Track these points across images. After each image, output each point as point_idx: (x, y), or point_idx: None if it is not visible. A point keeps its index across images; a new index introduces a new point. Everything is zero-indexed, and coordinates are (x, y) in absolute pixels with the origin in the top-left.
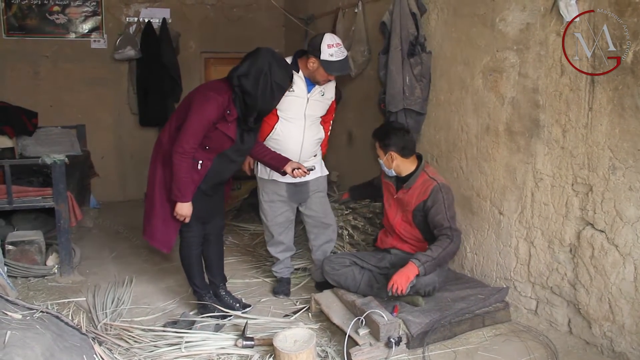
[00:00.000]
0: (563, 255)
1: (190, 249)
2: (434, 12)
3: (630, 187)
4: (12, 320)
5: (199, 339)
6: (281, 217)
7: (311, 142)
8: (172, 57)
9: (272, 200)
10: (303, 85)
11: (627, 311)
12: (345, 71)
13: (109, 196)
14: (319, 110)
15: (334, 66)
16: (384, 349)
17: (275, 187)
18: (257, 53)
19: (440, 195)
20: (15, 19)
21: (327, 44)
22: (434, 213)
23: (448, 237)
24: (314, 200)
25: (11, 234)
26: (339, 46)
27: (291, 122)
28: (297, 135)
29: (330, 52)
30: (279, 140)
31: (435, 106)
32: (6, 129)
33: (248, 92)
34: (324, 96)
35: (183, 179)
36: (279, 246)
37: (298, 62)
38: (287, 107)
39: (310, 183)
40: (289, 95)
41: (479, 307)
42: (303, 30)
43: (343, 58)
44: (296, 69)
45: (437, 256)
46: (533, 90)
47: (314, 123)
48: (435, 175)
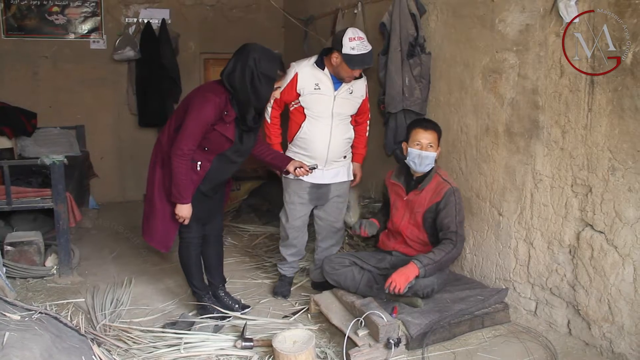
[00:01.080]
0: (562, 256)
1: (189, 249)
2: (433, 13)
3: (629, 188)
4: (10, 321)
5: (198, 340)
6: (299, 221)
7: (339, 141)
8: (171, 57)
9: (292, 202)
10: (329, 83)
11: (626, 312)
12: (366, 64)
13: (108, 197)
14: (347, 108)
15: (356, 60)
16: (383, 350)
17: (297, 188)
18: (242, 49)
19: (454, 198)
20: (15, 19)
21: (349, 37)
22: (444, 215)
23: (452, 242)
24: (331, 205)
25: (10, 235)
26: (361, 39)
27: (318, 120)
28: (324, 134)
29: (352, 45)
30: (306, 139)
31: (435, 107)
32: (5, 129)
33: (236, 88)
34: (352, 94)
35: (182, 181)
36: (291, 248)
37: (324, 60)
38: (314, 105)
39: (332, 187)
40: (315, 93)
41: (479, 308)
42: (303, 31)
43: (366, 52)
44: (321, 67)
45: (439, 260)
46: (532, 91)
47: (343, 122)
48: (448, 178)
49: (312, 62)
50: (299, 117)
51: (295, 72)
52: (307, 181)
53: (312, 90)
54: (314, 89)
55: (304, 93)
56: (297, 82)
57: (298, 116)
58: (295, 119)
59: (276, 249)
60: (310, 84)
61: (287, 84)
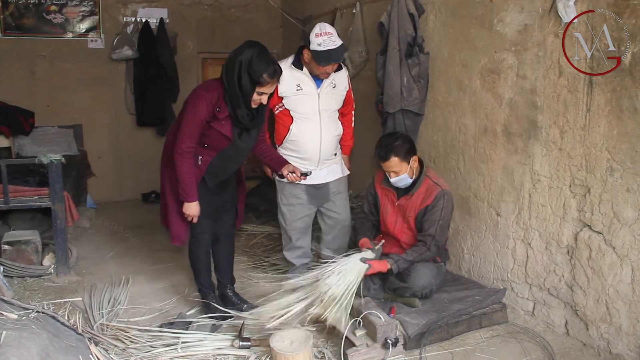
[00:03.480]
0: (560, 256)
1: (199, 246)
2: (432, 13)
3: (627, 188)
4: (7, 320)
5: (196, 340)
6: (300, 222)
7: (330, 138)
8: (169, 57)
9: (291, 203)
10: (310, 82)
11: (624, 313)
12: (333, 60)
13: (105, 196)
14: (333, 103)
15: (322, 56)
16: (380, 350)
17: (293, 190)
18: (242, 44)
19: (442, 202)
20: (12, 18)
21: (316, 33)
22: (427, 217)
23: (425, 245)
24: (337, 202)
25: (7, 234)
26: (328, 35)
27: (306, 121)
28: (314, 133)
29: (318, 41)
30: (297, 142)
31: (433, 107)
32: (3, 128)
33: (226, 83)
34: (335, 88)
35: (186, 179)
36: (296, 251)
37: (301, 59)
38: (299, 106)
39: (331, 185)
40: (298, 94)
41: (476, 309)
42: (300, 30)
43: (333, 47)
44: (299, 67)
45: (412, 260)
46: (531, 91)
47: (331, 118)
48: (438, 180)
49: (289, 63)
50: (286, 120)
51: None
52: (301, 183)
53: (294, 91)
54: (296, 90)
55: (286, 95)
56: (278, 85)
57: (285, 119)
58: (282, 122)
59: (274, 249)
60: (292, 86)
61: None
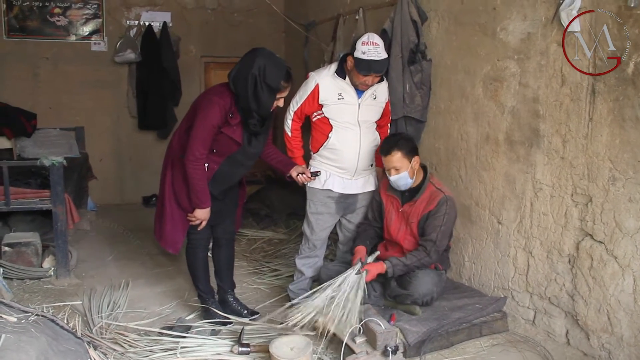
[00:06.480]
0: (562, 265)
1: (196, 251)
2: (435, 20)
3: (630, 198)
4: (7, 323)
5: (195, 345)
6: (325, 232)
7: (368, 149)
8: (172, 61)
9: (319, 212)
10: (352, 92)
11: (625, 323)
12: (373, 71)
13: (106, 199)
14: (373, 115)
15: (363, 64)
16: (380, 357)
17: (325, 198)
18: (250, 53)
19: (444, 208)
20: (16, 20)
21: (362, 41)
22: (429, 222)
23: (425, 251)
24: (360, 214)
25: (8, 236)
26: (374, 45)
27: (346, 130)
28: (353, 143)
29: (364, 49)
30: (335, 150)
31: (435, 114)
32: (5, 130)
33: (239, 94)
34: (376, 99)
35: (200, 186)
36: (311, 260)
37: (344, 67)
38: (339, 115)
39: (359, 197)
40: (339, 102)
41: (477, 317)
42: (303, 36)
43: (377, 59)
44: (342, 76)
45: (409, 264)
46: (533, 99)
47: (370, 129)
48: (442, 187)
49: (332, 71)
50: (325, 127)
51: (316, 83)
52: (336, 191)
53: (335, 100)
54: (337, 99)
55: (327, 104)
56: (319, 93)
57: (323, 127)
58: (321, 129)
59: (275, 254)
60: (333, 94)
61: (307, 95)
